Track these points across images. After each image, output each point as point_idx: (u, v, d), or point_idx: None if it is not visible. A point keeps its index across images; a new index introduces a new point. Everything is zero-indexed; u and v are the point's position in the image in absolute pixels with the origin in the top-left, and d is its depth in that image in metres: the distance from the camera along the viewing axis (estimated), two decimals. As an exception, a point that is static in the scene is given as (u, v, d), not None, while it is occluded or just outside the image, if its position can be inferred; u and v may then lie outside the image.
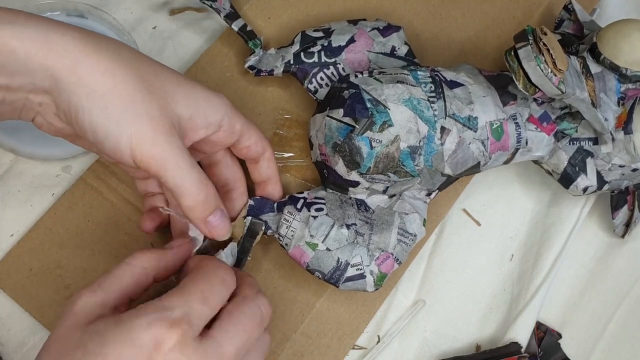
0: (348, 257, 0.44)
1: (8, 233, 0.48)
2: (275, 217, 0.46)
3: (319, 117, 0.47)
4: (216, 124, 0.41)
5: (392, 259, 0.45)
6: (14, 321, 0.47)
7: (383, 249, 0.45)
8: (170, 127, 0.37)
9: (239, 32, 0.51)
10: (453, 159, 0.45)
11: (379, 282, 0.45)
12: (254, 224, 0.45)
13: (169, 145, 0.36)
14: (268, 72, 0.50)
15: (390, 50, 0.51)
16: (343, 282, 0.45)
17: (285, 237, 0.45)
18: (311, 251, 0.44)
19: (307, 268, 0.45)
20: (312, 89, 0.50)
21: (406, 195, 0.47)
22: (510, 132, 0.47)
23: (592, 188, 0.49)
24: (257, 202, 0.46)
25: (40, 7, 0.52)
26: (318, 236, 0.44)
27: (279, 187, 0.47)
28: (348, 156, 0.44)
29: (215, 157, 0.46)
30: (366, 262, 0.45)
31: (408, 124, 0.44)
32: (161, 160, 0.36)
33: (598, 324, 0.54)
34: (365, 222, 0.46)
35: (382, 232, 0.45)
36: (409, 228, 0.46)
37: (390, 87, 0.44)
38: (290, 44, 0.51)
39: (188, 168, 0.37)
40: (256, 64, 0.51)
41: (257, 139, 0.45)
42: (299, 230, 0.45)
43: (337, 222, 0.45)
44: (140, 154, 0.36)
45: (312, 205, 0.46)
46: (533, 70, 0.42)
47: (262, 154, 0.46)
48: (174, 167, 0.37)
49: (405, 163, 0.44)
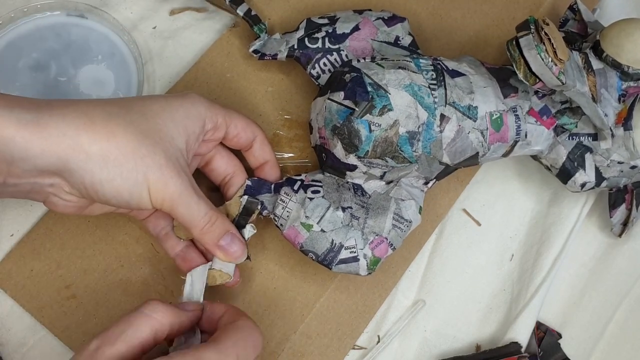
0: (342, 239, 0.44)
1: (8, 233, 0.48)
2: (272, 198, 0.46)
3: (319, 100, 0.47)
4: (202, 131, 0.43)
5: (386, 244, 0.45)
6: (14, 321, 0.47)
7: (377, 233, 0.45)
8: (177, 167, 0.40)
9: (243, 17, 0.51)
10: (452, 148, 0.45)
11: (372, 266, 0.45)
12: (250, 203, 0.45)
13: (178, 187, 0.39)
14: (272, 56, 0.50)
15: (394, 39, 0.51)
16: (336, 264, 0.45)
17: (280, 218, 0.45)
18: (306, 232, 0.44)
19: (301, 249, 0.45)
20: (315, 74, 0.50)
21: (403, 183, 0.47)
22: (510, 123, 0.47)
23: (590, 184, 0.49)
24: (255, 182, 0.47)
25: (40, 7, 0.52)
26: (313, 217, 0.44)
27: (276, 168, 0.48)
28: (347, 139, 0.44)
29: (209, 154, 0.47)
30: (360, 245, 0.45)
31: (408, 109, 0.44)
32: (172, 202, 0.40)
33: (598, 324, 0.54)
34: (361, 206, 0.46)
35: (377, 216, 0.45)
36: (404, 214, 0.46)
37: (391, 72, 0.44)
38: (295, 30, 0.51)
39: (195, 204, 0.40)
40: (260, 48, 0.51)
41: (244, 125, 0.46)
42: (294, 211, 0.45)
43: (332, 205, 0.45)
44: (157, 200, 0.39)
45: (309, 188, 0.46)
46: (533, 59, 0.42)
47: (254, 139, 0.46)
48: (184, 205, 0.40)
49: (403, 148, 0.44)
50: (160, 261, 0.48)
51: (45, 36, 0.52)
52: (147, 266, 0.48)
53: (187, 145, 0.41)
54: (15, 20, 0.51)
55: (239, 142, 0.46)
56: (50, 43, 0.52)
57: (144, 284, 0.48)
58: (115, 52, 0.52)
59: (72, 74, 0.51)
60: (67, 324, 0.47)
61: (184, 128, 0.41)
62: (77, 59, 0.52)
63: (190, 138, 0.42)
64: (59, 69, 0.51)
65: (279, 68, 0.54)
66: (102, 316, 0.47)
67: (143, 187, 0.38)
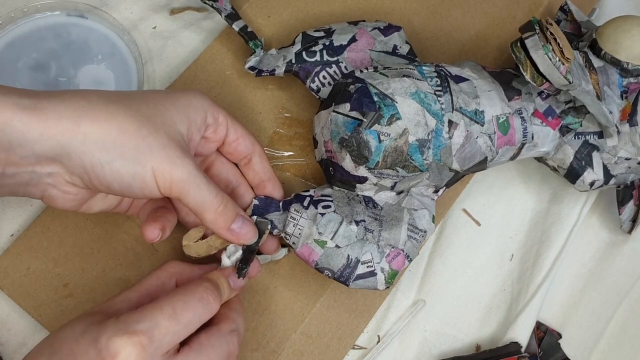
0: (358, 254, 0.43)
1: (8, 233, 0.48)
2: (281, 216, 0.45)
3: (324, 113, 0.46)
4: (203, 122, 0.42)
5: (402, 256, 0.44)
6: (13, 321, 0.47)
7: (393, 246, 0.44)
8: (182, 150, 0.38)
9: (239, 33, 0.51)
10: (461, 154, 0.45)
11: (390, 279, 0.44)
12: (259, 223, 0.44)
13: (185, 169, 0.38)
14: (269, 72, 0.50)
15: (392, 48, 0.51)
16: (353, 280, 0.43)
17: (292, 236, 0.44)
18: (320, 249, 0.43)
19: (316, 267, 0.44)
20: (315, 87, 0.49)
21: (414, 192, 0.47)
22: (517, 126, 0.47)
23: (599, 182, 0.49)
24: (262, 201, 0.46)
25: (40, 7, 0.52)
26: (327, 233, 0.43)
27: (278, 185, 0.47)
28: (356, 150, 0.43)
29: (210, 159, 0.46)
30: (377, 259, 0.44)
31: (416, 117, 0.43)
32: (182, 184, 0.38)
33: (598, 323, 0.54)
34: (374, 218, 0.45)
35: (391, 228, 0.45)
36: (418, 224, 0.45)
37: (396, 81, 0.44)
38: (292, 44, 0.51)
39: (205, 186, 0.39)
40: (257, 64, 0.50)
41: (243, 132, 0.45)
42: (306, 228, 0.44)
43: (345, 219, 0.44)
44: (164, 184, 0.38)
45: (319, 203, 0.45)
46: (541, 59, 0.42)
47: (253, 152, 0.46)
48: (194, 188, 0.38)
49: (414, 157, 0.43)
50: (159, 260, 0.48)
51: (45, 36, 0.52)
52: (146, 265, 0.48)
53: (189, 133, 0.40)
54: (15, 20, 0.51)
55: (238, 149, 0.45)
56: (50, 43, 0.52)
57: (143, 283, 0.48)
58: (115, 52, 0.53)
59: (72, 74, 0.51)
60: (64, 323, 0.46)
61: (186, 115, 0.40)
62: (77, 59, 0.52)
63: (192, 126, 0.41)
64: (59, 69, 0.51)
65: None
66: (100, 315, 0.47)
67: (146, 170, 0.37)
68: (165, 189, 0.38)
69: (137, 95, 0.40)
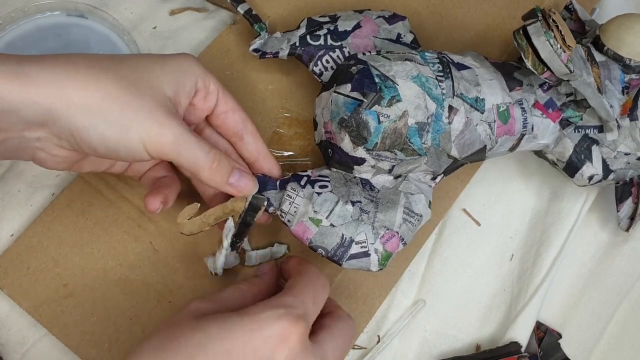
0: (352, 233, 0.43)
1: (8, 233, 0.48)
2: (278, 194, 0.45)
3: (325, 94, 0.46)
4: (193, 87, 0.42)
5: (397, 238, 0.44)
6: (13, 321, 0.47)
7: (388, 227, 0.44)
8: (168, 112, 0.38)
9: (244, 15, 0.51)
10: (460, 140, 0.45)
11: (383, 261, 0.44)
12: (255, 199, 0.44)
13: (174, 130, 0.38)
14: (273, 54, 0.50)
15: (396, 37, 0.51)
16: (347, 259, 0.43)
17: (287, 214, 0.44)
18: (315, 227, 0.43)
19: (310, 245, 0.44)
20: (318, 71, 0.50)
21: (411, 177, 0.47)
22: (517, 116, 0.47)
23: (597, 177, 0.49)
24: (260, 178, 0.45)
25: (40, 7, 0.52)
26: (322, 212, 0.43)
27: (274, 162, 0.47)
28: (355, 131, 0.43)
29: (198, 128, 0.46)
30: (371, 239, 0.44)
31: (416, 100, 0.43)
32: (173, 145, 0.38)
33: (598, 324, 0.54)
34: (370, 200, 0.45)
35: (387, 210, 0.44)
36: (414, 208, 0.45)
37: (398, 64, 0.44)
38: (297, 28, 0.51)
39: (196, 144, 0.39)
40: (261, 46, 0.50)
41: (234, 106, 0.45)
42: (302, 206, 0.44)
43: (341, 199, 0.44)
44: (153, 147, 0.38)
45: (316, 183, 0.45)
46: (543, 46, 0.42)
47: (244, 130, 0.45)
48: (186, 147, 0.38)
49: (412, 140, 0.43)
50: (160, 260, 0.48)
51: (45, 36, 0.52)
52: (146, 265, 0.48)
53: (176, 97, 0.40)
54: (15, 20, 0.51)
55: (226, 121, 0.45)
56: (50, 43, 0.52)
57: (143, 283, 0.48)
58: (116, 52, 0.53)
59: (72, 74, 0.51)
60: (64, 323, 0.46)
61: (175, 78, 0.40)
62: (77, 58, 0.52)
63: (180, 90, 0.40)
64: (59, 68, 0.51)
65: (279, 66, 0.54)
66: (100, 315, 0.47)
67: (132, 135, 0.37)
68: (155, 152, 0.38)
69: (124, 59, 0.39)
